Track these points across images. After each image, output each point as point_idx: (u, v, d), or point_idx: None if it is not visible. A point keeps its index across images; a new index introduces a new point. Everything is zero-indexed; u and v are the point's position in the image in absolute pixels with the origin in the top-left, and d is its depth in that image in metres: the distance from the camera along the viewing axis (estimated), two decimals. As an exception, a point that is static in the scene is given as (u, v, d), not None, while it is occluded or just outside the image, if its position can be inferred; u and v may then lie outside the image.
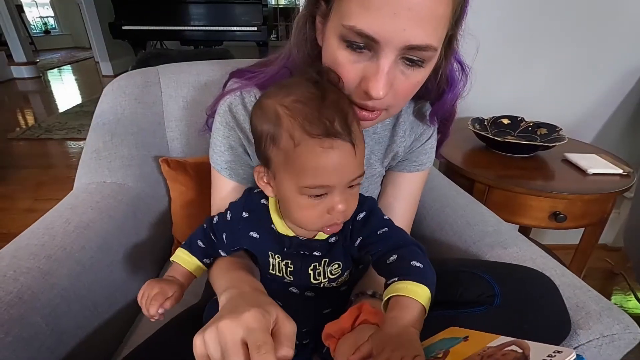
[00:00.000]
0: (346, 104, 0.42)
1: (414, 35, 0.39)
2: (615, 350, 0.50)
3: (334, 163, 0.39)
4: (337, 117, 0.39)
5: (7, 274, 0.51)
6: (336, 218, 0.43)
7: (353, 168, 0.41)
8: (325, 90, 0.41)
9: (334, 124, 0.38)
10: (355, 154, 0.40)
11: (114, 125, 0.79)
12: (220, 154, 0.57)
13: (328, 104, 0.39)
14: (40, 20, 6.63)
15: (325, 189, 0.41)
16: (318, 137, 0.38)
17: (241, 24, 2.93)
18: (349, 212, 0.44)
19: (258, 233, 0.50)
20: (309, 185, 0.40)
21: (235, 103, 0.56)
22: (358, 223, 0.47)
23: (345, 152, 0.39)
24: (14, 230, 1.67)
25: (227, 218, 0.52)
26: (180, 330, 0.55)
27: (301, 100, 0.39)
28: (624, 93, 1.28)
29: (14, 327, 0.47)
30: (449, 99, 0.55)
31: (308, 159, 0.39)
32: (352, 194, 0.43)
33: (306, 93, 0.40)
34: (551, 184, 0.93)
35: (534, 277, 0.51)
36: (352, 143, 0.39)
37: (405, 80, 0.44)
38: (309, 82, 0.42)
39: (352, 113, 0.42)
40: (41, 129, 2.86)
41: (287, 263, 0.50)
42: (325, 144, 0.38)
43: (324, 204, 0.42)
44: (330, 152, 0.38)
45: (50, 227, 0.62)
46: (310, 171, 0.39)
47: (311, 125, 0.38)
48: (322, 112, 0.39)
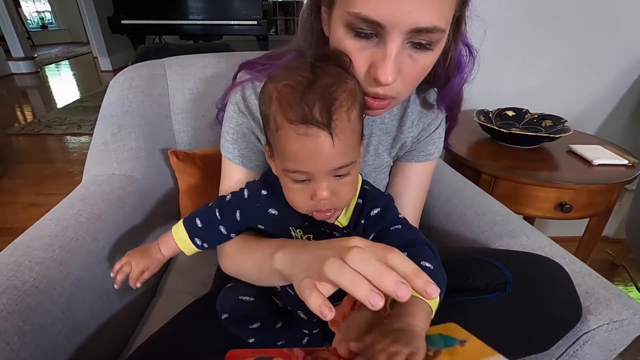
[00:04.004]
0: (341, 89, 0.39)
1: (420, 17, 0.39)
2: (624, 335, 0.50)
3: (308, 151, 0.38)
4: (319, 103, 0.37)
5: (22, 264, 0.52)
6: (321, 205, 0.42)
7: (331, 158, 0.39)
8: (318, 75, 0.39)
9: (313, 110, 0.37)
10: (333, 144, 0.38)
11: (121, 117, 0.79)
12: (233, 141, 0.57)
13: (315, 89, 0.38)
14: (37, 15, 6.56)
15: (305, 175, 0.40)
16: (294, 123, 0.37)
17: (241, 18, 2.90)
18: (337, 202, 0.42)
19: (277, 209, 0.49)
20: (288, 169, 0.40)
21: (248, 93, 0.56)
22: (372, 219, 0.47)
23: (320, 141, 0.37)
24: (17, 225, 1.67)
25: (245, 196, 0.51)
26: (191, 320, 0.55)
27: (291, 84, 0.39)
28: (628, 85, 1.28)
29: (32, 315, 0.47)
30: (456, 83, 0.55)
31: (286, 144, 0.39)
32: (342, 183, 0.42)
33: (298, 77, 0.39)
34: (557, 174, 0.93)
35: (545, 264, 0.52)
36: (330, 132, 0.37)
37: (414, 65, 0.43)
38: (306, 66, 0.41)
39: (345, 99, 0.39)
40: (41, 124, 2.84)
41: (309, 237, 0.49)
42: (301, 130, 0.37)
43: (307, 190, 0.41)
44: (304, 139, 0.37)
45: (62, 219, 0.62)
46: (289, 156, 0.40)
47: (290, 111, 0.38)
48: (305, 97, 0.37)
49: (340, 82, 0.40)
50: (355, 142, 0.41)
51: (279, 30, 5.27)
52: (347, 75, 0.41)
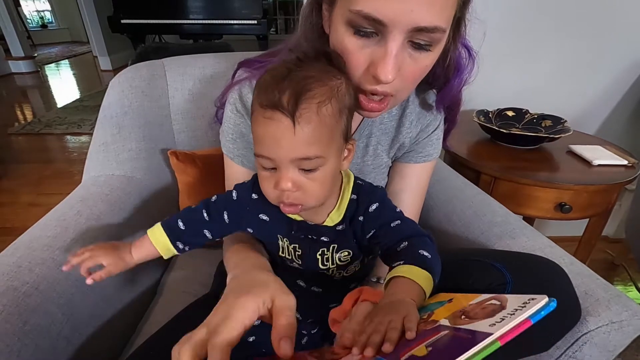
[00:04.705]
0: (319, 84, 0.39)
1: (422, 16, 0.39)
2: (623, 336, 0.50)
3: (270, 135, 0.39)
4: (290, 91, 0.38)
5: (22, 265, 0.52)
6: (284, 196, 0.41)
7: (292, 145, 0.38)
8: (301, 67, 0.40)
9: (282, 97, 0.37)
10: (294, 131, 0.37)
11: (121, 118, 0.79)
12: (232, 141, 0.58)
13: (290, 78, 0.39)
14: (37, 14, 6.55)
15: (271, 162, 0.40)
16: (263, 107, 0.39)
17: (241, 17, 2.90)
18: (303, 197, 0.42)
19: (268, 215, 0.49)
20: (256, 153, 0.41)
21: (245, 91, 0.56)
22: (370, 215, 0.47)
23: (282, 127, 0.38)
24: (17, 225, 1.67)
25: (233, 197, 0.51)
26: (191, 320, 0.54)
27: (273, 74, 0.40)
28: (628, 85, 1.28)
29: (32, 316, 0.48)
30: (456, 85, 0.55)
31: (255, 127, 0.41)
32: (310, 178, 0.41)
33: (282, 68, 0.40)
34: (557, 175, 0.93)
35: (545, 265, 0.51)
36: (293, 119, 0.37)
37: (414, 64, 0.44)
38: (294, 59, 0.42)
39: (320, 93, 0.39)
40: (41, 123, 2.84)
41: (295, 247, 0.50)
42: (267, 114, 0.38)
43: (273, 178, 0.41)
44: (268, 122, 0.38)
45: (62, 219, 0.62)
46: (256, 139, 0.41)
47: (263, 95, 0.39)
48: (279, 84, 0.38)
49: (322, 78, 0.40)
50: (325, 138, 0.40)
51: (279, 30, 5.26)
52: (335, 74, 0.41)
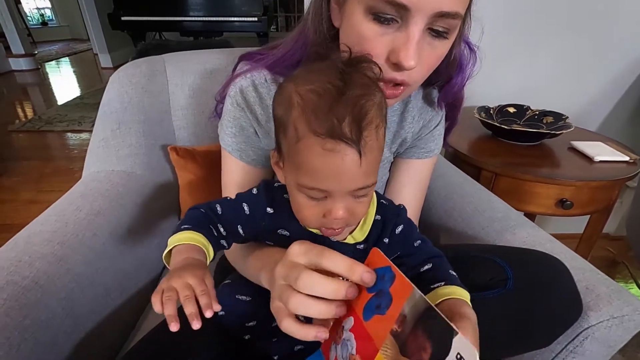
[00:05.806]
0: (371, 102, 0.35)
1: (445, 1, 0.39)
2: (624, 331, 0.50)
3: (333, 168, 0.34)
4: (350, 117, 0.33)
5: (22, 259, 0.52)
6: (334, 224, 0.39)
7: (356, 178, 0.35)
8: (348, 83, 0.35)
9: (342, 125, 0.33)
10: (360, 164, 0.34)
11: (121, 113, 0.79)
12: (232, 135, 0.57)
13: (345, 100, 0.34)
14: (37, 12, 6.54)
15: (323, 193, 0.37)
16: (321, 136, 0.33)
17: (241, 14, 2.89)
18: (352, 220, 0.40)
19: (288, 230, 0.45)
20: (305, 185, 0.37)
21: (245, 85, 0.56)
22: (396, 237, 0.46)
23: (348, 159, 0.34)
24: (17, 222, 1.67)
25: (246, 212, 0.45)
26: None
27: (317, 91, 0.35)
28: (630, 81, 1.27)
29: (32, 310, 0.47)
30: (458, 82, 0.56)
31: (307, 158, 0.35)
32: (359, 202, 0.39)
33: (326, 84, 0.35)
34: (558, 171, 0.93)
35: (546, 260, 0.51)
36: (359, 151, 0.34)
37: (432, 52, 0.44)
38: (335, 71, 0.36)
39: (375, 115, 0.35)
40: (41, 121, 2.84)
41: None
42: (327, 146, 0.33)
43: (321, 207, 0.38)
44: (330, 155, 0.34)
45: (62, 214, 0.62)
46: (308, 171, 0.36)
47: (317, 121, 0.34)
48: (334, 108, 0.34)
49: (370, 95, 0.36)
50: (379, 162, 0.38)
51: (280, 27, 5.25)
52: (375, 87, 0.38)
